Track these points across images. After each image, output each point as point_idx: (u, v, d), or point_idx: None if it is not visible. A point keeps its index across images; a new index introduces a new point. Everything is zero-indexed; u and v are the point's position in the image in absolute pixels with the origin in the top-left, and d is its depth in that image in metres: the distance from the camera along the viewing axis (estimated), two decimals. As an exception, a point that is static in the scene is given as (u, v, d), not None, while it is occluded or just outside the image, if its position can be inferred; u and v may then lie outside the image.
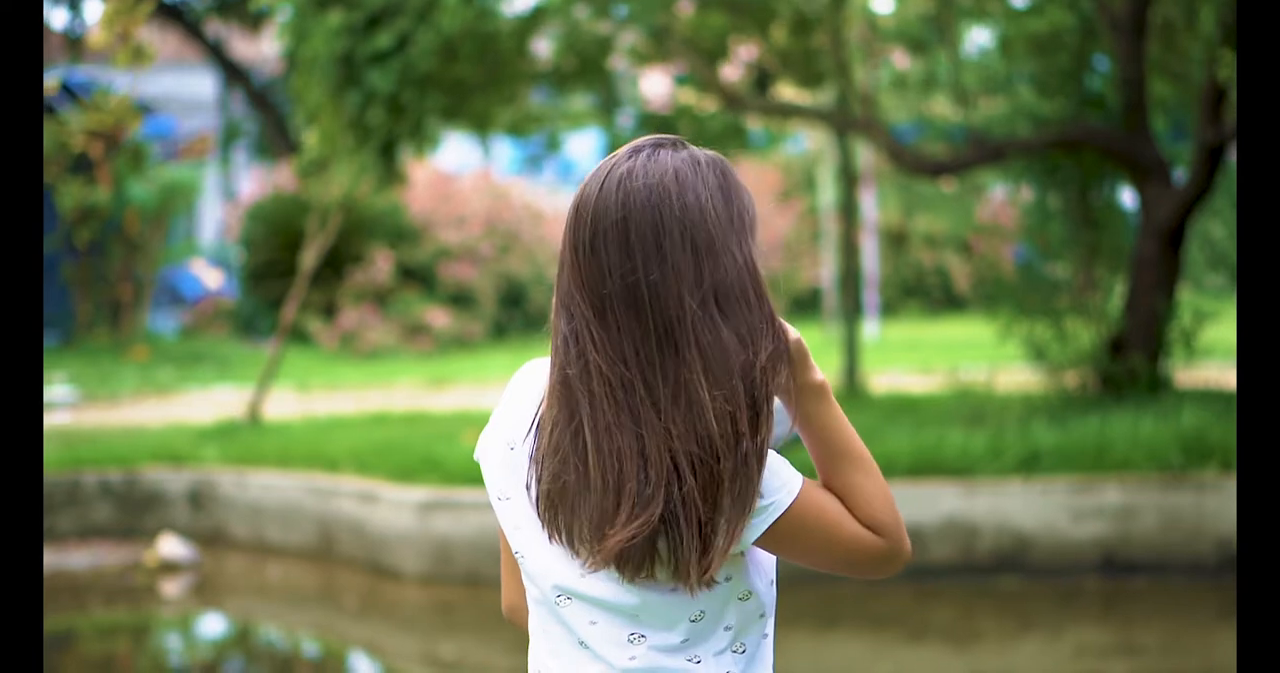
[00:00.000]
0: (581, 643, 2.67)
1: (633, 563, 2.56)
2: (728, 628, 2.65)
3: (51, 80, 18.70)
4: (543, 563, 2.67)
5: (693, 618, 2.61)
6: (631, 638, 2.63)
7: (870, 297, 20.72)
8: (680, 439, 2.53)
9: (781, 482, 2.61)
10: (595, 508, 2.55)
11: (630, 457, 2.53)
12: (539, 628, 2.74)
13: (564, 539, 2.61)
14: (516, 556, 2.71)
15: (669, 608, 2.61)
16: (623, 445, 2.54)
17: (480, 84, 12.52)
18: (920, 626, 9.78)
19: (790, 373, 2.62)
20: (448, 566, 10.45)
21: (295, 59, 12.48)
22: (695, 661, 2.62)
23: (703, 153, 2.64)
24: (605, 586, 2.62)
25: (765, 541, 2.62)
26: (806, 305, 22.62)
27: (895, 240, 22.91)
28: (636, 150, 2.62)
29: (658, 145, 2.63)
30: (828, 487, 2.66)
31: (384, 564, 10.75)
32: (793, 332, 2.64)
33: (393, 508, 10.68)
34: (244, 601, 11.12)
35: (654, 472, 2.53)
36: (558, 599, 2.67)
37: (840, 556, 2.65)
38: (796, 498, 2.61)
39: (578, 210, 2.61)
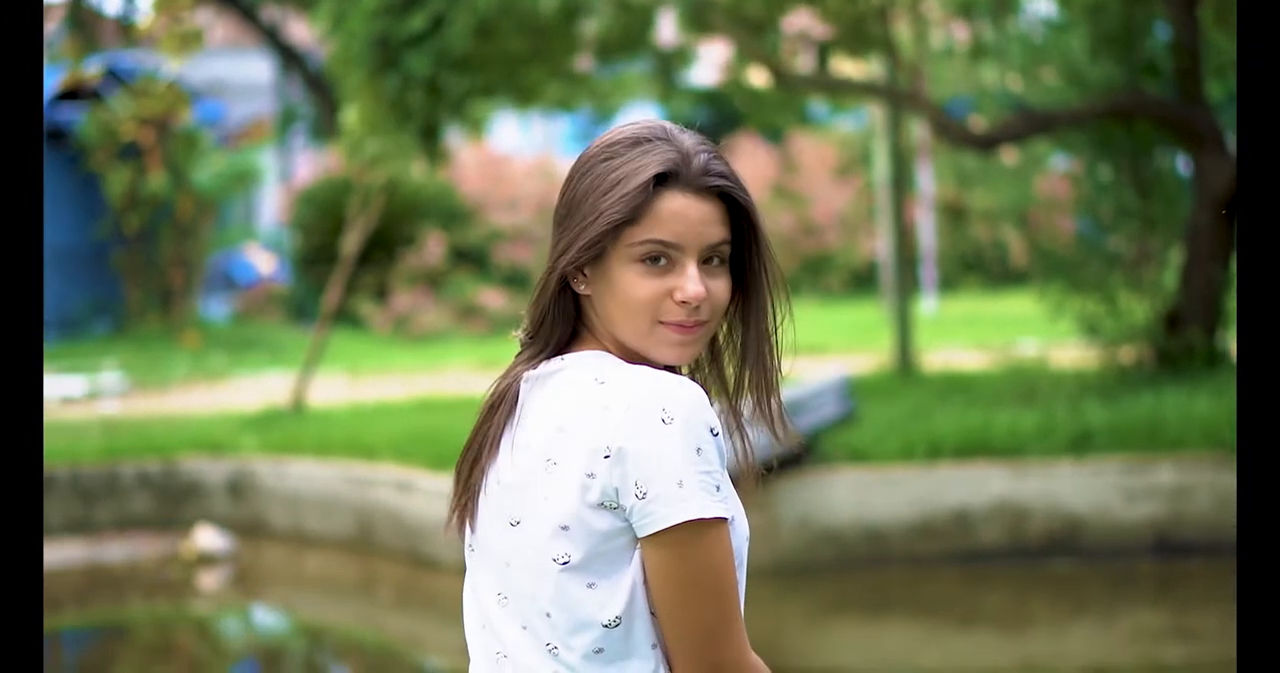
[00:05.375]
0: (499, 654, 2.52)
1: None
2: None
3: (96, 67, 18.70)
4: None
5: (606, 624, 2.42)
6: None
7: (928, 272, 20.46)
8: None
9: (682, 499, 2.38)
10: None
11: None
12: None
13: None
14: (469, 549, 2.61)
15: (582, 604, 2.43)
16: None
17: (526, 57, 12.32)
18: (970, 611, 9.57)
19: None
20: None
21: (334, 41, 12.33)
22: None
23: (645, 131, 2.53)
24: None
25: (646, 550, 2.41)
26: (864, 281, 22.38)
27: (953, 215, 22.62)
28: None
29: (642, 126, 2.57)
30: None
31: (423, 554, 10.57)
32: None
33: (430, 497, 10.50)
34: (282, 592, 11.00)
35: None
36: (498, 597, 2.52)
37: (692, 630, 2.43)
38: (680, 524, 2.38)
39: None
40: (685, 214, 2.46)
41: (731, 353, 2.60)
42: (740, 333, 2.58)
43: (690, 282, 2.45)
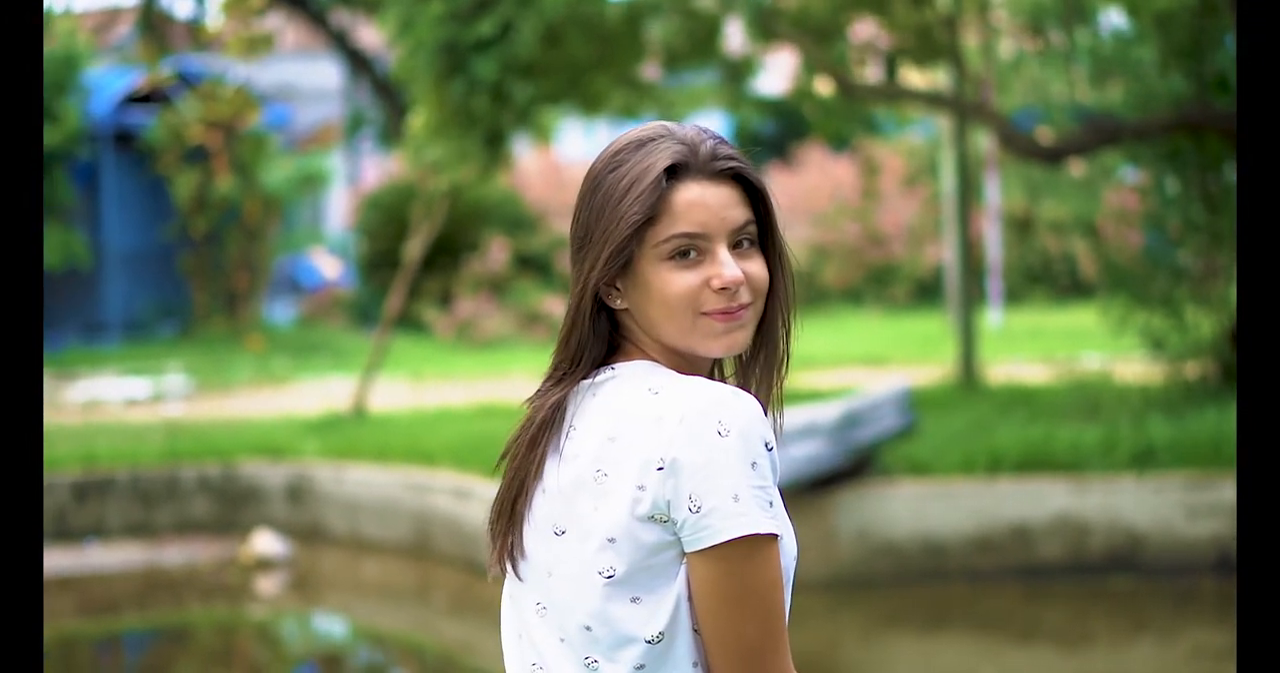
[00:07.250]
0: (536, 666, 2.46)
1: None
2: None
3: (166, 71, 18.79)
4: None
5: (649, 640, 2.37)
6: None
7: (994, 284, 20.33)
8: None
9: (737, 513, 2.32)
10: None
11: None
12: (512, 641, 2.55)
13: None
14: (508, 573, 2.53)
15: (628, 620, 2.37)
16: None
17: (592, 64, 12.30)
18: (1030, 627, 9.49)
19: None
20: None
21: (401, 46, 12.34)
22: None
23: (645, 132, 2.47)
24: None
25: (695, 565, 2.35)
26: (930, 292, 22.26)
27: (1020, 226, 22.47)
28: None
29: (644, 129, 2.51)
30: None
31: (479, 561, 10.56)
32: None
33: (488, 505, 10.46)
34: (339, 597, 10.99)
35: None
36: (537, 607, 2.46)
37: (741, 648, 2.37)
38: (739, 538, 2.32)
39: None
40: (704, 202, 2.41)
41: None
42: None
43: (725, 267, 2.40)
